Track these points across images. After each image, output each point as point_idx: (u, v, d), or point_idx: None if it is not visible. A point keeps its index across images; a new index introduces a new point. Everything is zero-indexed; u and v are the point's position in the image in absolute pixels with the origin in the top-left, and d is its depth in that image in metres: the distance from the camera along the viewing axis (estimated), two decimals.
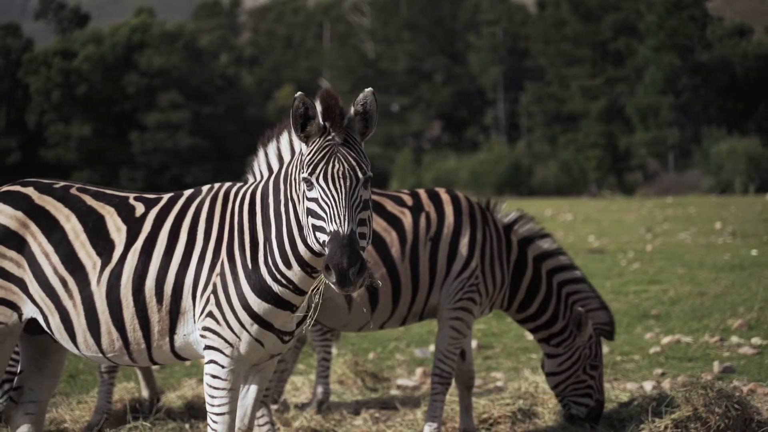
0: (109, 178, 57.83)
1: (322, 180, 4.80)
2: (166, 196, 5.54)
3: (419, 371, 9.94)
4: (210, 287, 5.21)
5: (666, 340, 11.11)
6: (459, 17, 73.28)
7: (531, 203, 38.12)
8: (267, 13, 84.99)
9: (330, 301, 6.86)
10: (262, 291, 5.14)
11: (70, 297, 5.34)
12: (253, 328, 5.17)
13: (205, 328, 5.22)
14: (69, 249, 5.37)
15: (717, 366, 9.50)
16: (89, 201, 5.51)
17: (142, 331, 5.30)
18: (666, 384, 8.89)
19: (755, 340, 10.77)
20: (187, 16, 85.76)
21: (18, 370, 5.85)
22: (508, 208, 7.61)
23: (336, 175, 4.80)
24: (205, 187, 5.52)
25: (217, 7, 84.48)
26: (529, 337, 11.92)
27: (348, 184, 4.79)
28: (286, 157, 5.27)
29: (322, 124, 4.89)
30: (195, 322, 5.27)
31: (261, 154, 5.42)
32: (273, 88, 70.39)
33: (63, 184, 5.64)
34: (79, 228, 5.41)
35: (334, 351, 10.67)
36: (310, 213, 4.83)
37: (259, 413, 7.07)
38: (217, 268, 5.21)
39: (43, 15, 73.80)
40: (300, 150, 5.05)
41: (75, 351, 5.46)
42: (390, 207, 7.23)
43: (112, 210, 5.47)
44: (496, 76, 68.20)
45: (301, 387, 9.44)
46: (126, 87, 61.81)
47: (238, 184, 5.44)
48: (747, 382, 8.72)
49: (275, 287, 5.14)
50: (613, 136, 57.19)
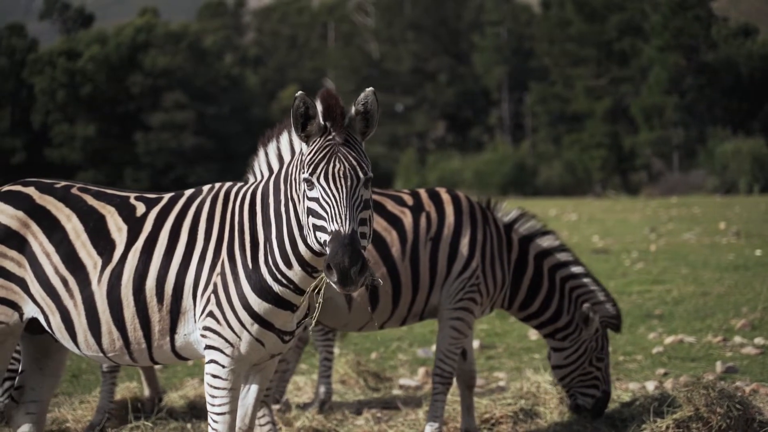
0: (114, 178, 57.90)
1: (323, 180, 4.80)
2: (166, 196, 5.54)
3: (421, 371, 9.94)
4: (210, 287, 5.21)
5: (669, 340, 11.10)
6: (463, 17, 73.24)
7: (535, 203, 38.06)
8: (271, 14, 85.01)
9: (330, 300, 6.86)
10: (263, 291, 5.14)
11: (71, 296, 5.34)
12: (254, 327, 5.17)
13: (205, 328, 5.22)
14: (70, 249, 5.37)
15: (720, 366, 9.48)
16: (90, 201, 5.52)
17: (143, 331, 5.31)
18: (668, 384, 8.88)
19: (758, 340, 10.75)
20: (192, 16, 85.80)
21: (19, 370, 5.86)
22: (509, 207, 7.61)
23: (337, 175, 4.79)
24: (205, 187, 5.52)
25: (222, 7, 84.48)
26: (533, 337, 11.91)
27: (349, 183, 4.79)
28: (286, 157, 5.27)
29: (322, 123, 4.89)
30: (195, 321, 5.27)
31: (261, 154, 5.43)
32: (277, 89, 70.39)
33: (64, 183, 5.65)
34: (80, 228, 5.42)
35: (337, 351, 10.67)
36: (311, 213, 4.83)
37: (260, 413, 7.06)
38: (218, 268, 5.21)
39: (48, 15, 73.89)
40: (300, 150, 5.05)
41: (76, 350, 5.47)
42: (390, 207, 7.23)
43: (112, 210, 5.47)
44: (500, 76, 68.17)
45: (303, 387, 9.44)
46: (130, 87, 61.92)
47: (239, 184, 5.44)
48: (750, 382, 8.71)
49: (276, 287, 5.14)
50: (618, 136, 57.14)
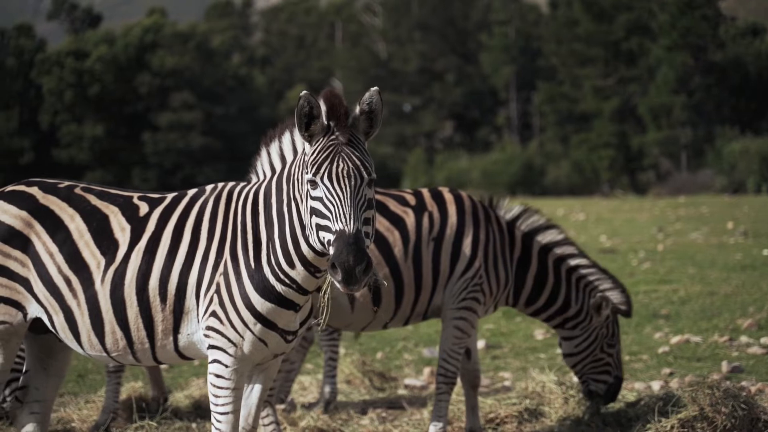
0: (122, 178, 58.03)
1: (326, 179, 4.80)
2: (170, 196, 5.54)
3: (427, 371, 9.94)
4: (213, 287, 5.21)
5: (675, 339, 11.08)
6: (471, 17, 73.22)
7: (543, 203, 38.01)
8: (279, 14, 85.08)
9: (333, 301, 6.85)
10: (265, 290, 5.14)
11: (75, 296, 5.35)
12: (257, 327, 5.17)
13: (208, 328, 5.23)
14: (73, 248, 5.38)
15: (725, 366, 9.47)
16: (93, 201, 5.52)
17: (146, 331, 5.31)
18: (674, 384, 8.87)
19: (764, 340, 10.73)
20: (199, 16, 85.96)
21: (23, 369, 5.87)
22: (511, 204, 7.59)
23: (341, 174, 4.80)
24: (208, 187, 5.52)
25: (229, 7, 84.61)
26: (538, 337, 11.90)
27: (353, 183, 4.80)
28: (289, 156, 5.27)
29: (326, 123, 4.89)
30: (198, 321, 5.27)
31: (264, 153, 5.42)
32: (285, 89, 70.43)
33: (67, 183, 5.65)
34: (83, 227, 5.42)
35: (342, 351, 10.67)
36: (315, 212, 4.83)
37: (264, 413, 7.06)
38: (221, 268, 5.21)
39: (56, 15, 74.07)
40: (303, 149, 5.05)
41: (79, 350, 5.47)
42: (393, 207, 7.22)
43: (116, 209, 5.48)
44: (508, 75, 68.14)
45: (308, 387, 9.45)
46: (138, 87, 62.04)
47: (242, 184, 5.44)
48: (755, 382, 8.69)
49: (278, 287, 5.14)
50: (626, 135, 57.05)
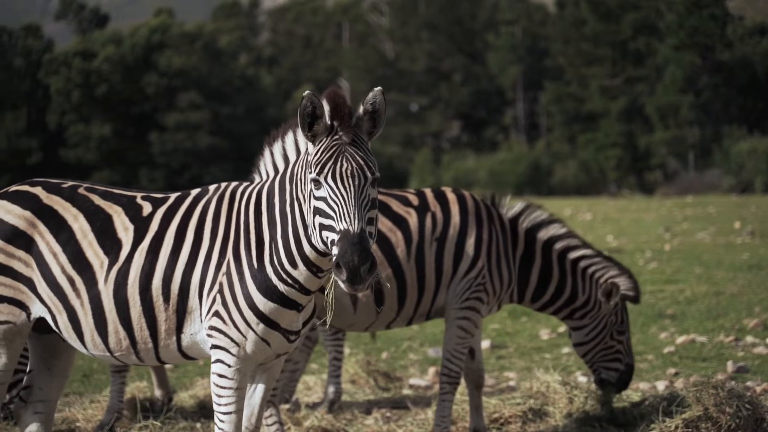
0: (129, 178, 58.11)
1: (330, 179, 4.80)
2: (173, 196, 5.55)
3: (432, 371, 9.93)
4: (216, 286, 5.22)
5: (681, 339, 11.07)
6: (478, 17, 73.17)
7: (550, 203, 37.91)
8: (286, 13, 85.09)
9: (336, 301, 6.85)
10: (268, 290, 5.15)
11: (78, 296, 5.36)
12: (259, 327, 5.18)
13: (211, 328, 5.23)
14: (77, 248, 5.39)
15: (731, 366, 9.45)
16: (97, 201, 5.53)
17: (149, 330, 5.32)
18: (679, 384, 8.85)
19: None
20: (207, 16, 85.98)
21: (27, 369, 5.88)
22: (513, 201, 7.59)
23: (345, 174, 4.80)
24: (211, 187, 5.53)
25: (236, 7, 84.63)
26: (543, 337, 11.90)
27: (357, 182, 4.80)
28: (292, 156, 5.27)
29: (329, 123, 4.89)
30: (201, 321, 5.28)
31: (267, 153, 5.42)
32: (292, 88, 70.44)
33: (71, 183, 5.66)
34: (86, 227, 5.43)
35: (347, 351, 10.68)
36: (318, 212, 4.83)
37: (267, 413, 7.07)
38: (224, 268, 5.22)
39: (63, 16, 74.14)
40: (306, 149, 5.05)
41: (83, 350, 5.48)
42: (395, 207, 7.21)
43: (119, 209, 5.48)
44: (515, 75, 68.07)
45: (313, 386, 9.46)
46: (146, 87, 62.10)
47: (245, 184, 5.44)
48: (760, 382, 8.68)
49: (281, 287, 5.14)
50: (633, 135, 56.95)
